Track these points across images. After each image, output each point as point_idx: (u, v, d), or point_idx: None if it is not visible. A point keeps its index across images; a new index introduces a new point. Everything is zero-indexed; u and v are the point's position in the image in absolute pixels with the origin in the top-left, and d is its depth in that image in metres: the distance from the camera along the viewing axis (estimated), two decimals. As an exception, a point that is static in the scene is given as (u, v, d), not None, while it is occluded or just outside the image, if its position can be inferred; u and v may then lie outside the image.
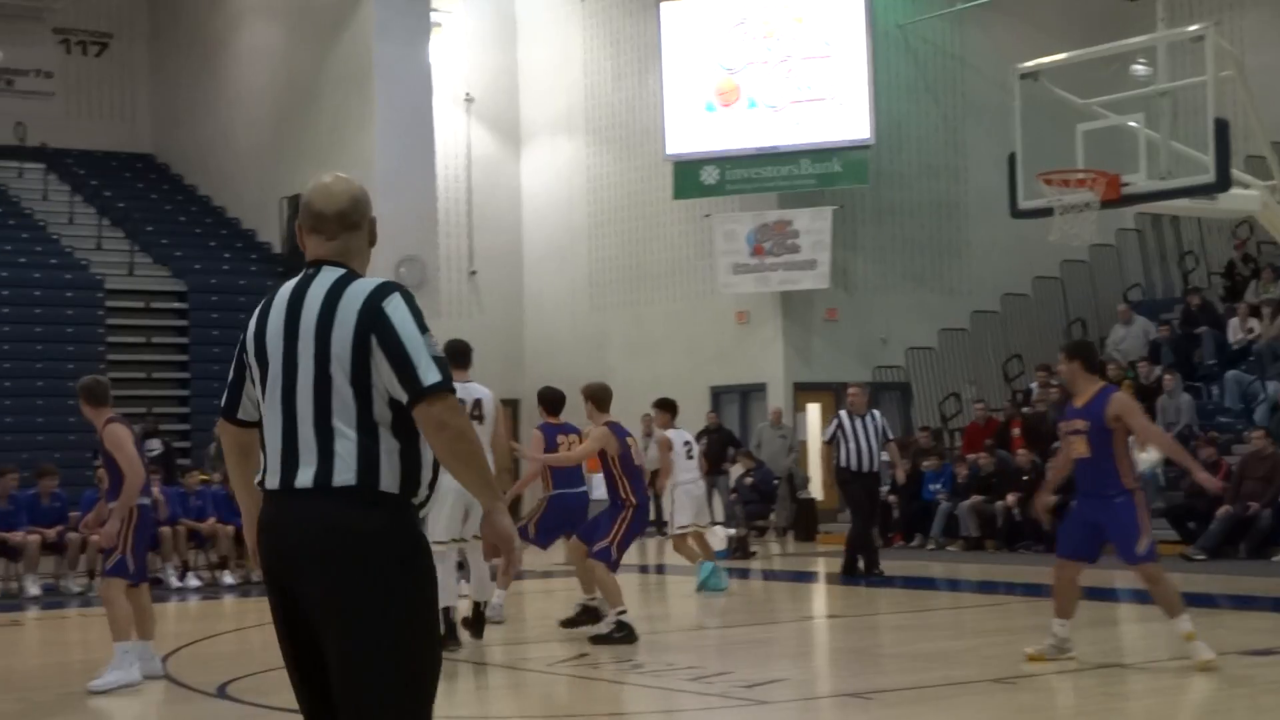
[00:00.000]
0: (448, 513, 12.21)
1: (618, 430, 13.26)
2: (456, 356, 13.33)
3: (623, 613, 12.68)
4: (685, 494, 18.13)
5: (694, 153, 28.82)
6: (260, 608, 16.66)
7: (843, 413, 19.61)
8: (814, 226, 27.96)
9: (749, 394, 28.92)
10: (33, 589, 18.65)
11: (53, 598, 18.30)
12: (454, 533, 12.39)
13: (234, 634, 15.02)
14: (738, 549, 22.79)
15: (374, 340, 4.63)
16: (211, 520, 20.01)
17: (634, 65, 30.74)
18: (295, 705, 9.98)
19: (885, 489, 24.18)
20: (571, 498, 14.10)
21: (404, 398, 4.58)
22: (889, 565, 20.98)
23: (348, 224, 4.93)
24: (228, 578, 19.75)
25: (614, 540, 12.95)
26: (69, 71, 33.40)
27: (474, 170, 32.42)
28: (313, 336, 4.71)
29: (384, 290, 4.74)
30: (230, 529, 19.94)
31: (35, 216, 29.89)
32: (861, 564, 19.12)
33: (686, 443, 18.64)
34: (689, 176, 28.89)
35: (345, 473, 4.58)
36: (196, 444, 25.84)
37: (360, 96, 28.13)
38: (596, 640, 12.59)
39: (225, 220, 31.66)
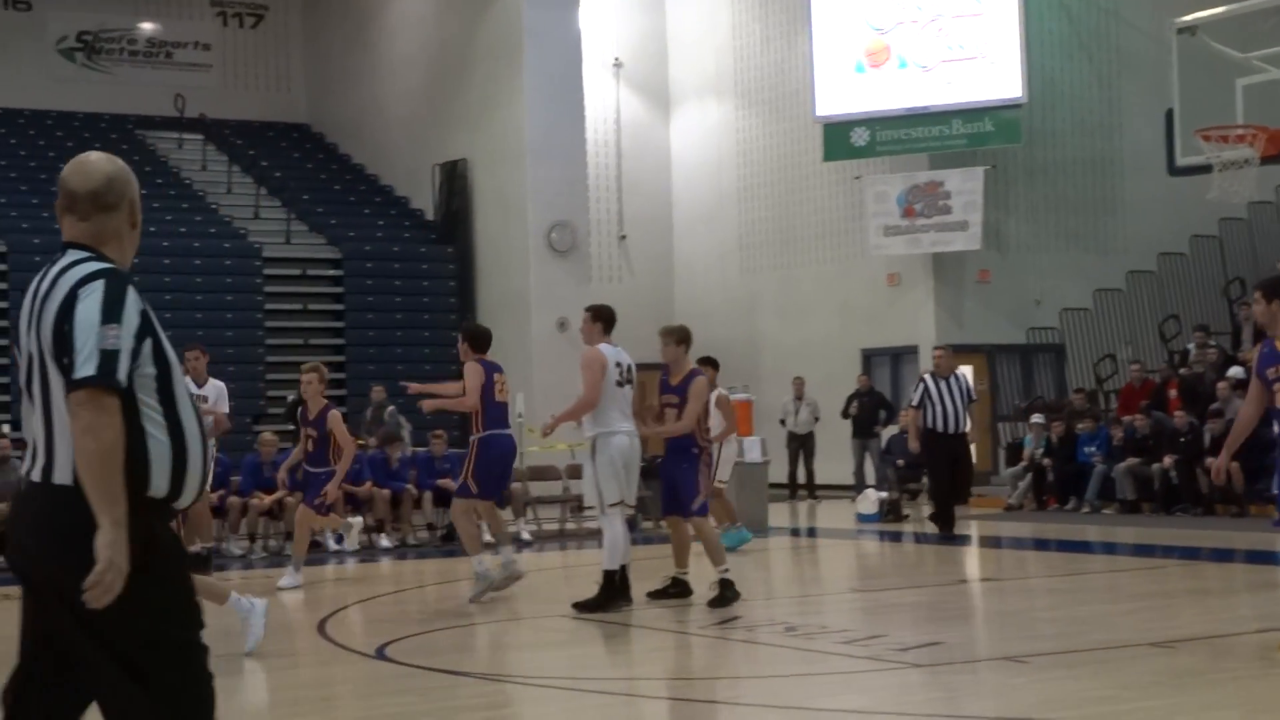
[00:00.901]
0: (621, 475, 12.40)
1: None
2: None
3: (726, 570, 12.66)
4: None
5: (844, 114, 28.60)
6: (418, 569, 16.87)
7: (928, 375, 19.72)
8: (966, 187, 27.66)
9: (900, 356, 28.72)
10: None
11: (216, 559, 18.61)
12: (623, 495, 12.52)
13: (391, 596, 15.19)
14: (889, 512, 22.66)
15: (66, 330, 4.32)
16: (368, 484, 20.24)
17: (782, 27, 30.55)
18: (454, 666, 10.08)
19: (1040, 450, 24.00)
20: (505, 439, 13.90)
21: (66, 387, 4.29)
22: (1044, 529, 20.81)
23: (102, 205, 4.58)
24: (384, 540, 19.96)
25: (704, 491, 12.93)
26: (226, 43, 33.87)
27: (623, 135, 32.43)
28: (35, 326, 4.43)
29: (89, 278, 4.39)
30: (386, 493, 20.18)
31: (194, 186, 30.38)
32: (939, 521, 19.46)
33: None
34: (839, 138, 28.68)
35: (63, 472, 4.34)
36: (352, 409, 26.13)
37: (510, 63, 28.23)
38: (714, 605, 12.50)
39: (379, 188, 31.97)
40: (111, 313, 4.29)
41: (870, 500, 22.88)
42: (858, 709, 8.71)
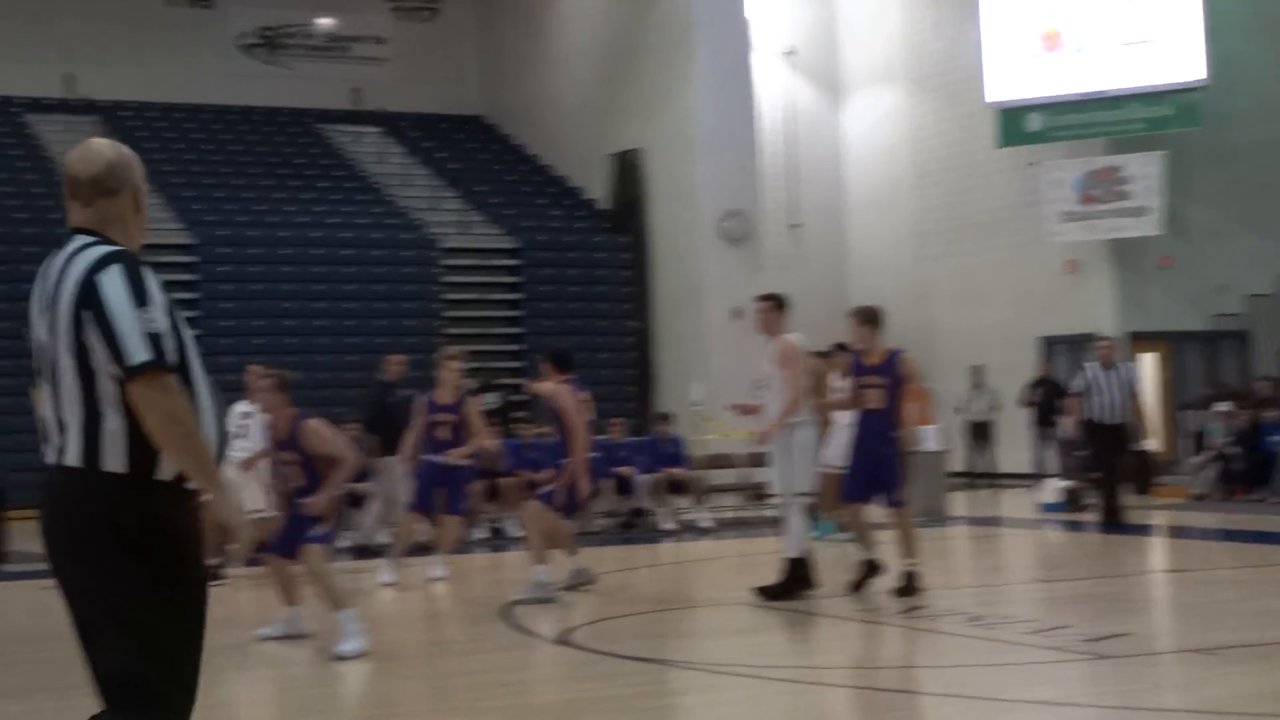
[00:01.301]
0: (810, 464, 12.44)
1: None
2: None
3: (915, 564, 12.56)
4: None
5: (1018, 99, 28.24)
6: (598, 556, 16.95)
7: (1091, 365, 19.48)
8: (1144, 172, 27.18)
9: (1079, 344, 28.29)
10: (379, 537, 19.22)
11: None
12: (807, 486, 12.52)
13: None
14: (1072, 501, 22.35)
15: (88, 315, 4.39)
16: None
17: (954, 12, 30.23)
18: (635, 653, 10.14)
19: (1228, 440, 23.55)
20: (595, 463, 13.74)
21: (119, 374, 4.35)
22: (1231, 519, 20.45)
23: (103, 190, 4.66)
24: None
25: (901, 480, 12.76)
26: (401, 37, 34.28)
27: (795, 123, 32.34)
28: (48, 311, 4.51)
29: (104, 261, 4.45)
30: (564, 480, 20.30)
31: (372, 179, 30.79)
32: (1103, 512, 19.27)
33: None
34: (1013, 124, 28.33)
35: (72, 454, 4.42)
36: (532, 398, 26.35)
37: (681, 52, 28.26)
38: (900, 594, 12.39)
39: (553, 178, 32.17)
40: (141, 296, 4.38)
41: (1051, 489, 22.60)
42: (1045, 700, 8.61)
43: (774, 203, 31.53)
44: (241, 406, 15.36)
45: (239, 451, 14.88)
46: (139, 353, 4.31)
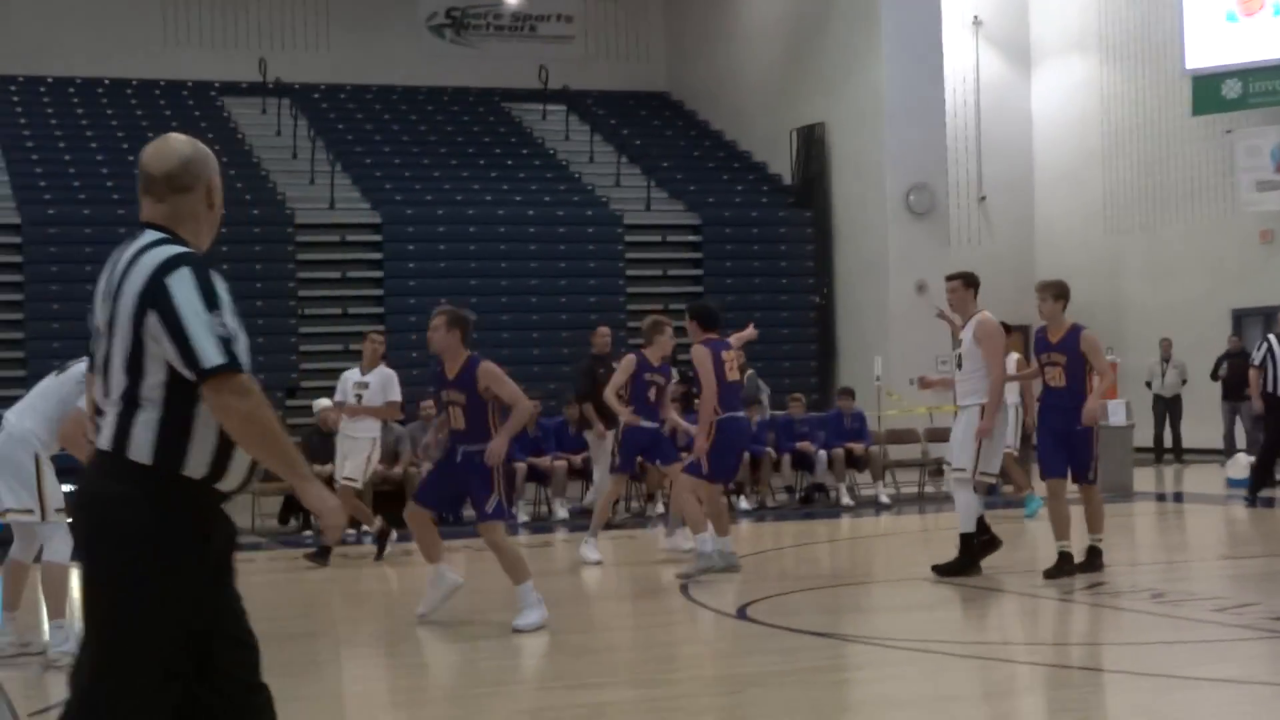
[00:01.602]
0: (992, 444, 12.45)
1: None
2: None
3: (1100, 539, 12.40)
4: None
5: (1214, 66, 27.67)
6: (777, 531, 16.97)
7: (1272, 336, 18.97)
8: (1345, 138, 26.54)
9: (1274, 316, 27.66)
10: (561, 512, 19.42)
11: (579, 520, 19.02)
12: (992, 466, 12.64)
13: (752, 558, 15.29)
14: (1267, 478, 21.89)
15: (155, 316, 4.43)
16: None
17: (1149, -22, 29.72)
18: (812, 628, 10.15)
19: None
20: (740, 422, 13.33)
21: (192, 376, 4.39)
22: None
23: (176, 186, 4.73)
24: (744, 503, 20.13)
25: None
26: (587, 15, 34.45)
27: (983, 94, 31.98)
28: (109, 301, 4.54)
29: (172, 263, 4.50)
30: (747, 456, 20.32)
31: (558, 156, 31.01)
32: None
33: None
34: (1209, 91, 27.77)
35: (104, 439, 4.47)
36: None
37: (867, 24, 28.06)
38: (1084, 570, 12.18)
39: (737, 154, 32.15)
40: (212, 300, 4.45)
41: (1241, 465, 22.12)
42: (1231, 678, 8.48)
43: (961, 176, 31.24)
44: (354, 375, 15.21)
45: (351, 426, 15.03)
46: (214, 356, 4.37)
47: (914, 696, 8.42)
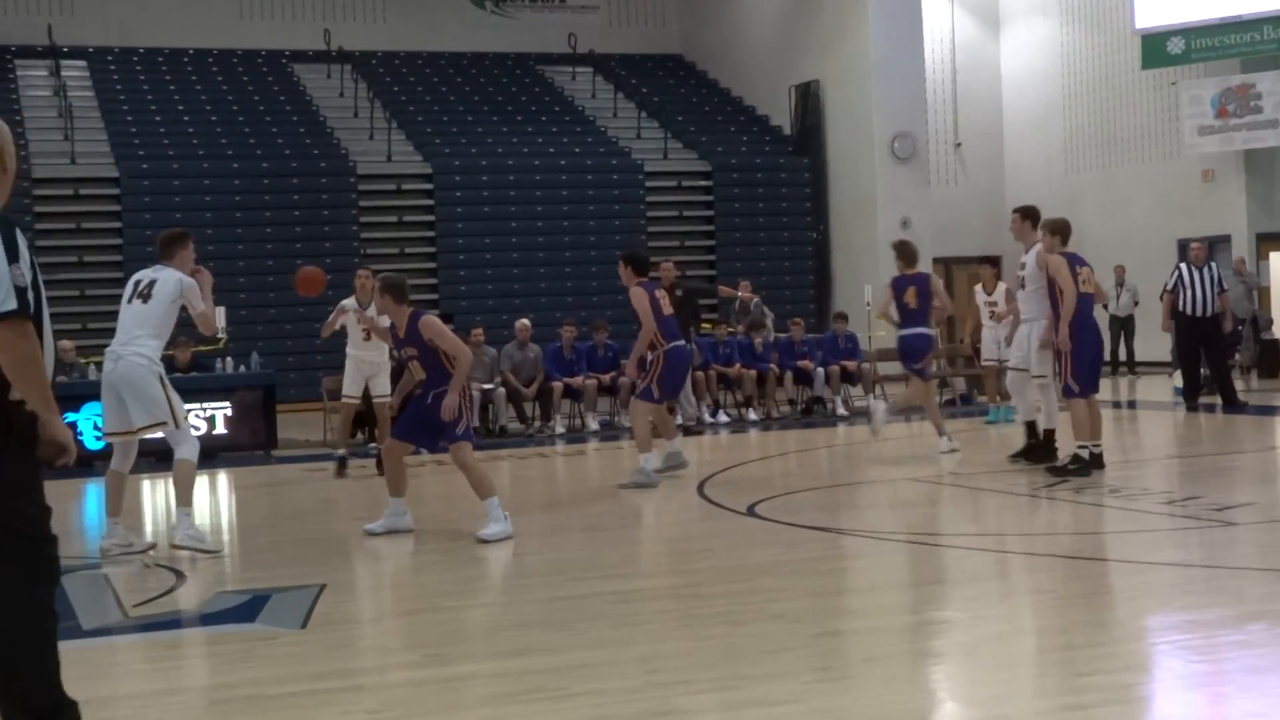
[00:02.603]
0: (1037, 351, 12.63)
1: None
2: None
3: (1082, 447, 12.25)
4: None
5: (1161, 26, 27.38)
6: (781, 439, 16.95)
7: (1183, 265, 19.13)
8: (1277, 88, 26.24)
9: (1214, 245, 27.46)
10: (593, 424, 19.42)
11: (608, 432, 19.05)
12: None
13: (759, 462, 15.31)
14: (1204, 386, 21.78)
15: None
16: (738, 365, 20.39)
17: (1104, -52, 29.34)
18: (814, 523, 10.12)
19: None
20: (683, 350, 13.20)
21: None
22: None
23: None
24: (752, 414, 20.10)
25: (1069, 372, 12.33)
26: (610, -14, 34.17)
27: (958, 53, 31.74)
28: None
29: None
30: (753, 373, 20.30)
31: (586, 113, 30.83)
32: (1219, 397, 19.04)
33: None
34: (1156, 48, 27.49)
35: None
36: (723, 302, 26.35)
37: (856, -7, 27.84)
38: (1054, 471, 12.25)
39: (742, 108, 31.93)
40: (13, 253, 4.46)
41: (1177, 377, 22.05)
42: (1177, 562, 8.45)
43: (938, 124, 31.06)
44: (350, 302, 14.38)
45: (371, 349, 14.37)
46: (7, 303, 4.42)
47: (901, 581, 8.41)
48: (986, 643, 6.67)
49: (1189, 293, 19.03)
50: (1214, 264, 19.63)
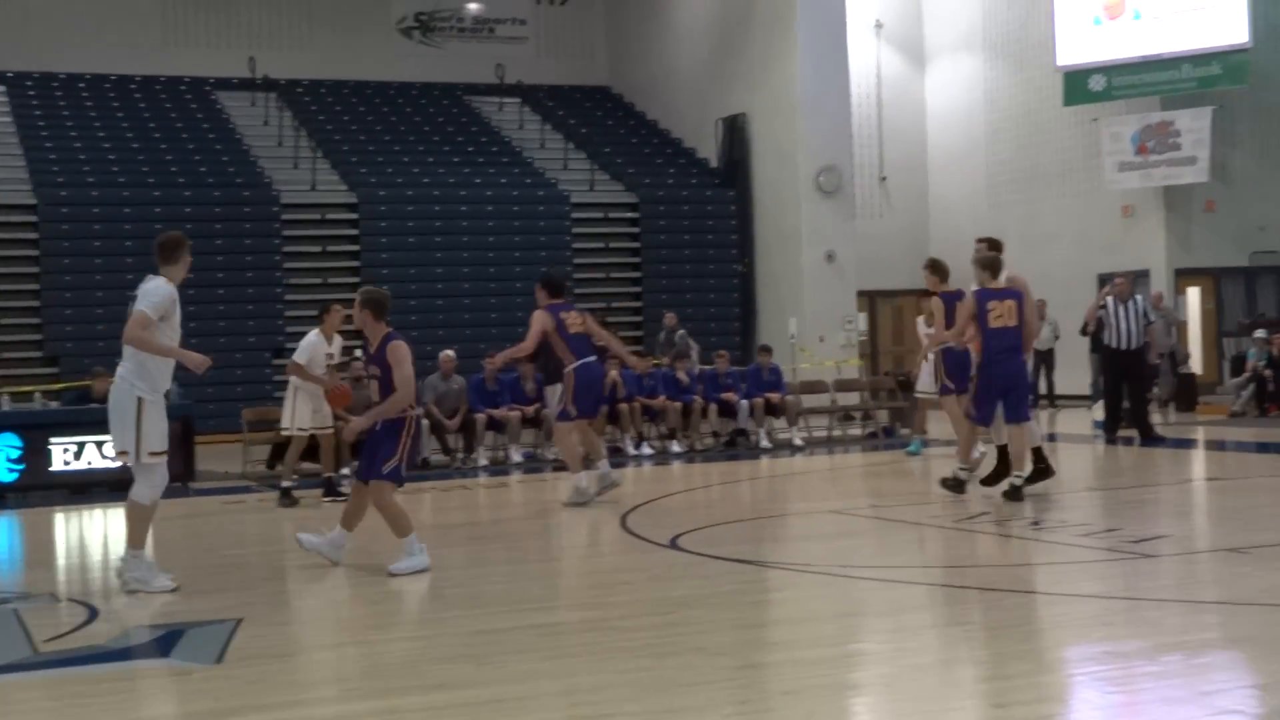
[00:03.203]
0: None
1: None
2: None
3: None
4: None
5: (1083, 63, 27.80)
6: (705, 471, 16.96)
7: (1110, 298, 19.38)
8: (1194, 126, 26.69)
9: (1134, 279, 27.88)
10: (516, 456, 19.35)
11: (532, 464, 18.99)
12: None
13: (682, 495, 15.33)
14: (1122, 419, 22.04)
15: None
16: (661, 398, 20.41)
17: (1027, -15, 29.77)
18: (735, 555, 10.11)
19: (1262, 362, 23.15)
20: (592, 366, 13.56)
21: None
22: (1266, 434, 20.11)
23: None
24: (675, 446, 20.12)
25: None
26: (539, 18, 34.22)
27: (883, 88, 32.01)
28: None
29: None
30: (677, 405, 20.32)
31: (513, 144, 30.83)
32: (1137, 431, 19.20)
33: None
34: (1078, 85, 27.88)
35: None
36: (648, 333, 26.40)
37: (784, 27, 28.00)
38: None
39: (669, 140, 32.05)
40: None
41: (1099, 409, 22.32)
42: (1095, 594, 8.53)
43: (864, 159, 31.28)
44: (322, 346, 14.33)
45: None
46: None
47: (823, 613, 8.43)
48: (907, 675, 6.70)
49: (1115, 325, 19.22)
50: (1139, 297, 19.87)
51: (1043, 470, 13.02)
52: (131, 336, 9.30)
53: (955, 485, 13.03)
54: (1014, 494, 12.47)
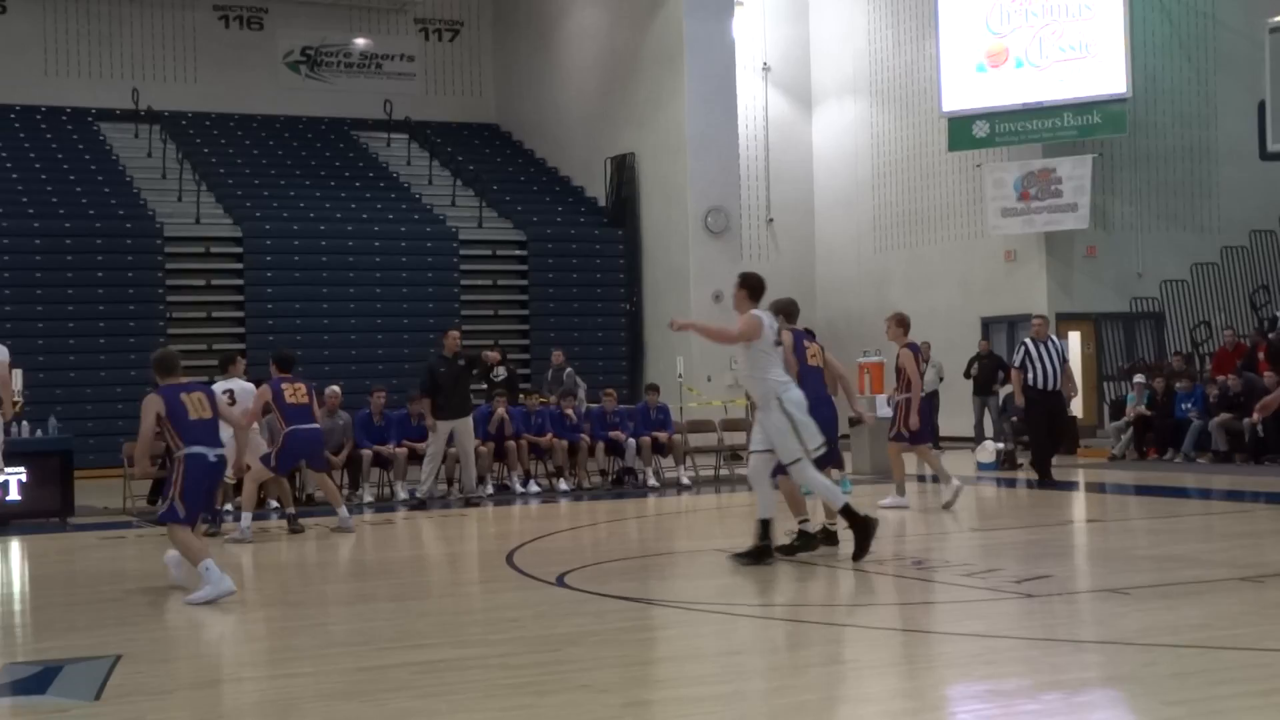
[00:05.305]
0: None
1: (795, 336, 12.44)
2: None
3: (804, 521, 12.03)
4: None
5: (967, 109, 28.26)
6: (592, 509, 16.96)
7: (1028, 340, 19.57)
8: (1075, 173, 27.24)
9: (1016, 323, 28.33)
10: (401, 494, 19.21)
11: (417, 500, 18.85)
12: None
13: (569, 533, 15.31)
14: (1005, 461, 22.41)
15: None
16: (549, 435, 20.39)
17: (913, 33, 30.21)
18: (622, 593, 10.09)
19: (1142, 405, 23.61)
20: (304, 433, 14.97)
21: None
22: (1145, 476, 20.48)
23: None
24: (563, 484, 20.11)
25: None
26: (427, 55, 34.21)
27: (771, 130, 32.32)
28: None
29: None
30: (565, 443, 20.32)
31: (401, 179, 30.74)
32: (1037, 470, 19.31)
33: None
34: (962, 131, 28.34)
35: None
36: (536, 370, 26.37)
37: (672, 68, 28.22)
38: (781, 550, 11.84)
39: (558, 178, 32.12)
40: None
41: (988, 450, 22.65)
42: (977, 633, 8.63)
43: (751, 200, 31.55)
44: (221, 385, 15.49)
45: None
46: None
47: (708, 651, 8.45)
48: (790, 712, 6.73)
49: (1038, 367, 19.18)
50: (1054, 337, 19.86)
51: (830, 537, 12.22)
52: None
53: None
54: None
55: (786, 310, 12.57)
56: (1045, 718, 6.48)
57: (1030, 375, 19.29)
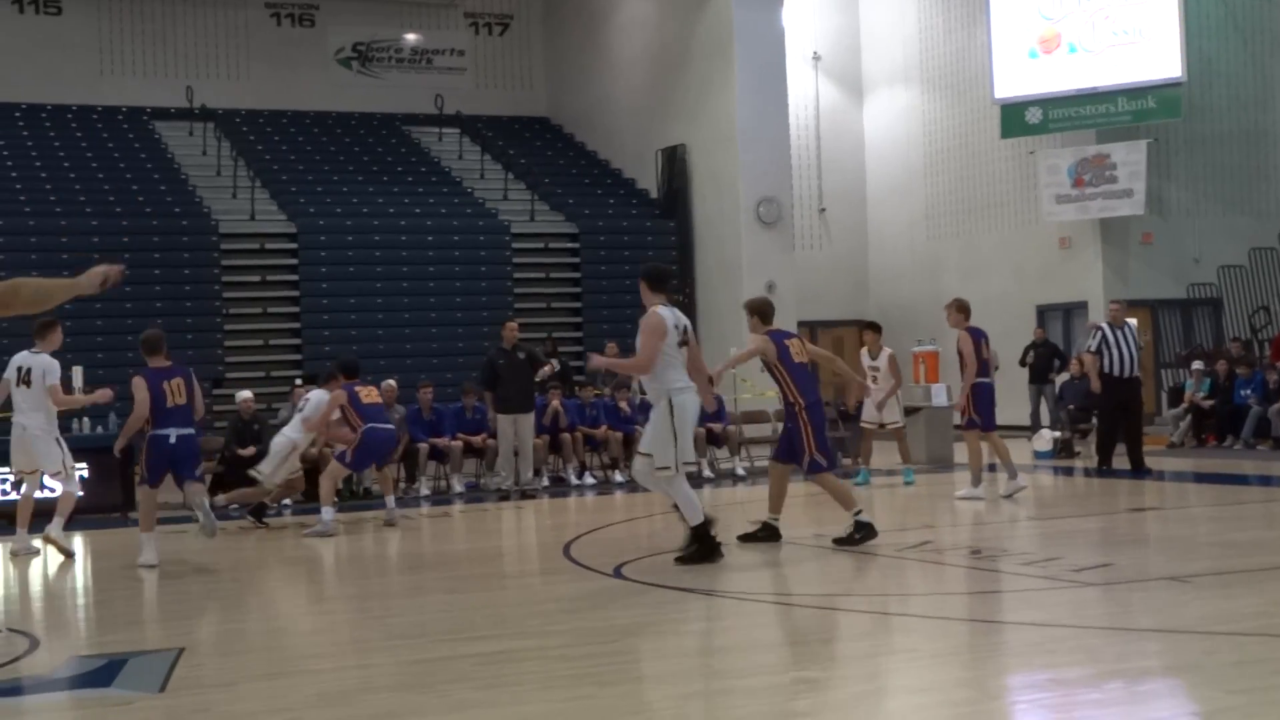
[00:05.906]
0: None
1: (775, 336, 12.33)
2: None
3: (858, 513, 11.98)
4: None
5: (1019, 96, 28.10)
6: (648, 500, 17.00)
7: (1105, 324, 19.27)
8: (1130, 159, 27.02)
9: (1071, 311, 28.17)
10: (458, 486, 19.32)
11: (474, 494, 18.95)
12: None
13: (625, 524, 15.33)
14: (1062, 450, 22.28)
15: None
16: (604, 427, 20.43)
17: (964, 19, 30.05)
18: (679, 584, 10.13)
19: (1201, 393, 23.44)
20: (382, 433, 15.20)
21: None
22: (1204, 464, 20.31)
23: None
24: (618, 476, 20.15)
25: (811, 447, 12.05)
26: (477, 49, 34.30)
27: (822, 120, 32.24)
28: None
29: None
30: (619, 435, 20.35)
31: (453, 174, 30.85)
32: (1130, 460, 19.00)
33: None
34: (1015, 117, 28.18)
35: None
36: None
37: (722, 59, 28.19)
38: (839, 542, 11.86)
39: (609, 171, 32.15)
40: None
41: (1045, 439, 22.52)
42: (1036, 622, 8.59)
43: (803, 190, 31.49)
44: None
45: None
46: None
47: (766, 641, 8.45)
48: (849, 703, 6.73)
49: (1114, 352, 18.74)
50: (1130, 323, 19.29)
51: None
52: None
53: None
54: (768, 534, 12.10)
55: (761, 310, 12.46)
56: (1108, 707, 6.45)
57: (1106, 361, 18.87)
